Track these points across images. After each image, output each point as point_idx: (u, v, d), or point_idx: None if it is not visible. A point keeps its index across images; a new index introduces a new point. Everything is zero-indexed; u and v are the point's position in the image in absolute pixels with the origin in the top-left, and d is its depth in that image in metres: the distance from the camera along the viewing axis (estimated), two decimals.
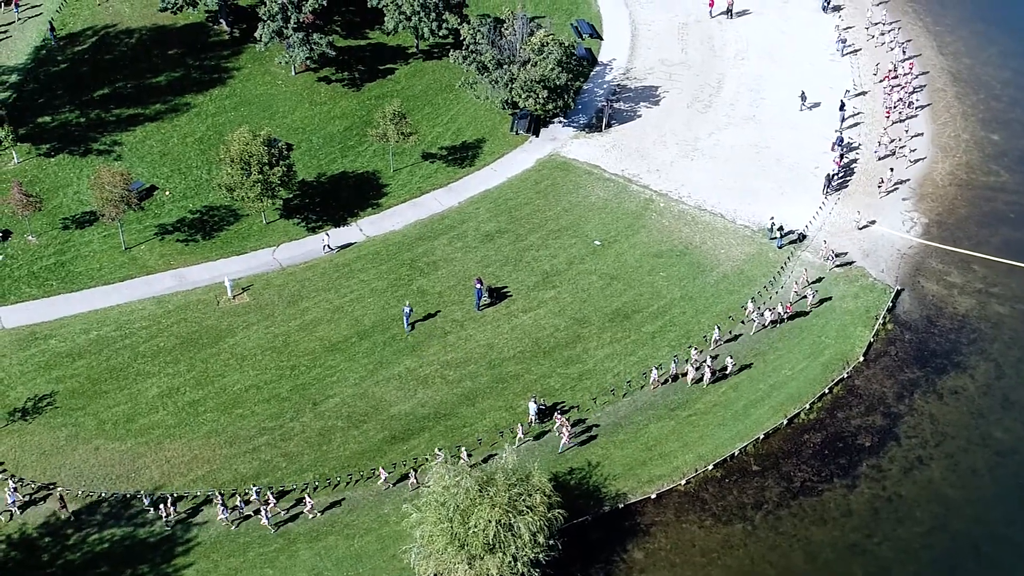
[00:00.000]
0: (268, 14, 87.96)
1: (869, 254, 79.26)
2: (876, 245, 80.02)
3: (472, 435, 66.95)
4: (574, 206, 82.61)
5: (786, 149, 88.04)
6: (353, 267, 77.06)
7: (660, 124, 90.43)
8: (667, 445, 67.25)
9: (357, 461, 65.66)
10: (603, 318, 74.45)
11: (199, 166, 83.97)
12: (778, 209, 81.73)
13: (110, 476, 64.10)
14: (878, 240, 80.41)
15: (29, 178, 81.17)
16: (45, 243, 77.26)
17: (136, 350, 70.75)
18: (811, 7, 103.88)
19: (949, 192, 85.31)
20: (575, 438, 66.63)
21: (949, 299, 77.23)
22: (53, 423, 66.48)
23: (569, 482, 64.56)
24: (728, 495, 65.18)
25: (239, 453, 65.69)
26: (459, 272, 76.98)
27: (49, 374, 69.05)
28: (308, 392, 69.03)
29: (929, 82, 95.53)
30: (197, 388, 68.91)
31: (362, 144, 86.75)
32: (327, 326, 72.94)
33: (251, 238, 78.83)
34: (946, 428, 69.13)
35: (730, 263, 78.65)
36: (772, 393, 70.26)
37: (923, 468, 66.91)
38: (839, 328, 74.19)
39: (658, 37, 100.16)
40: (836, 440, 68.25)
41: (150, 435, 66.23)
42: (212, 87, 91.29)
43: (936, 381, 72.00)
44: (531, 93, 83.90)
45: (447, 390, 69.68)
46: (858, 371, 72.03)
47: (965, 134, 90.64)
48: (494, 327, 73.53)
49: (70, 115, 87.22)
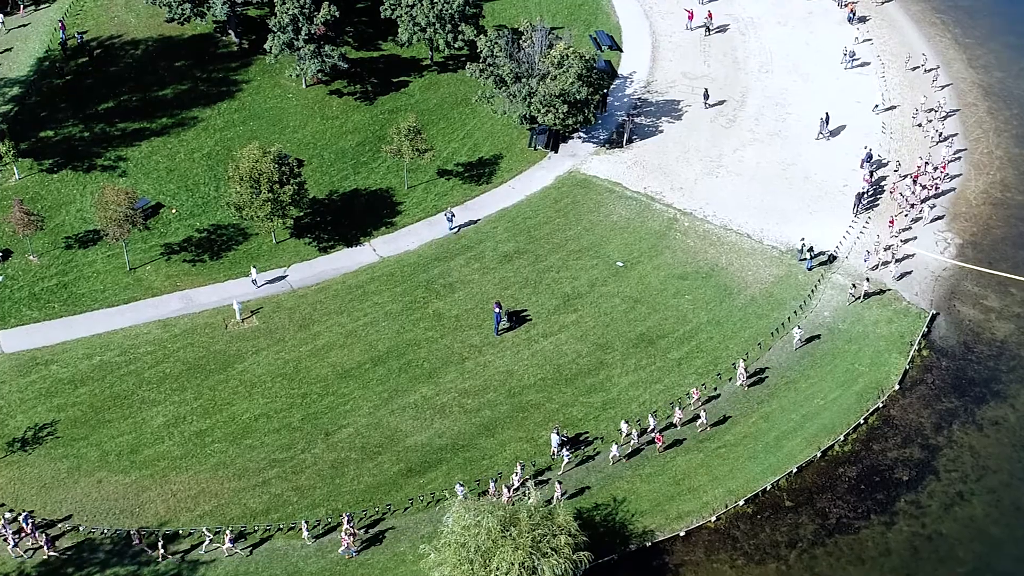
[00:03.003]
0: (278, 25, 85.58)
1: (902, 277, 76.29)
2: (910, 267, 77.03)
3: (492, 468, 64.15)
4: (595, 225, 79.85)
5: (813, 166, 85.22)
6: (367, 289, 74.34)
7: (683, 140, 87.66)
8: (696, 479, 64.44)
9: (372, 495, 62.82)
10: (627, 343, 71.63)
11: (207, 183, 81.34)
12: (807, 229, 78.95)
13: (113, 511, 61.40)
14: (911, 262, 77.44)
15: (31, 195, 78.75)
16: (47, 263, 74.69)
17: (141, 376, 68.13)
18: (837, 18, 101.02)
19: (983, 211, 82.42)
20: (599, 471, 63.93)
21: (987, 324, 74.30)
22: (54, 454, 63.84)
23: (594, 518, 61.74)
24: (760, 532, 62.36)
25: (248, 487, 62.94)
26: (476, 294, 74.26)
27: (50, 402, 66.46)
28: (320, 422, 66.31)
29: (959, 96, 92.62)
30: (204, 417, 66.21)
31: (375, 160, 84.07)
32: (340, 351, 70.23)
33: (261, 258, 76.22)
34: (987, 461, 66.24)
35: (758, 285, 75.78)
36: (804, 424, 67.42)
37: (964, 504, 64.06)
38: (873, 355, 71.30)
39: (679, 49, 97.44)
40: (872, 474, 65.40)
41: (155, 467, 63.53)
42: (220, 100, 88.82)
43: (975, 411, 69.11)
44: (550, 108, 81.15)
45: (465, 420, 66.91)
46: (893, 400, 69.23)
47: (999, 151, 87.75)
48: (513, 353, 70.78)
49: (73, 129, 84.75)
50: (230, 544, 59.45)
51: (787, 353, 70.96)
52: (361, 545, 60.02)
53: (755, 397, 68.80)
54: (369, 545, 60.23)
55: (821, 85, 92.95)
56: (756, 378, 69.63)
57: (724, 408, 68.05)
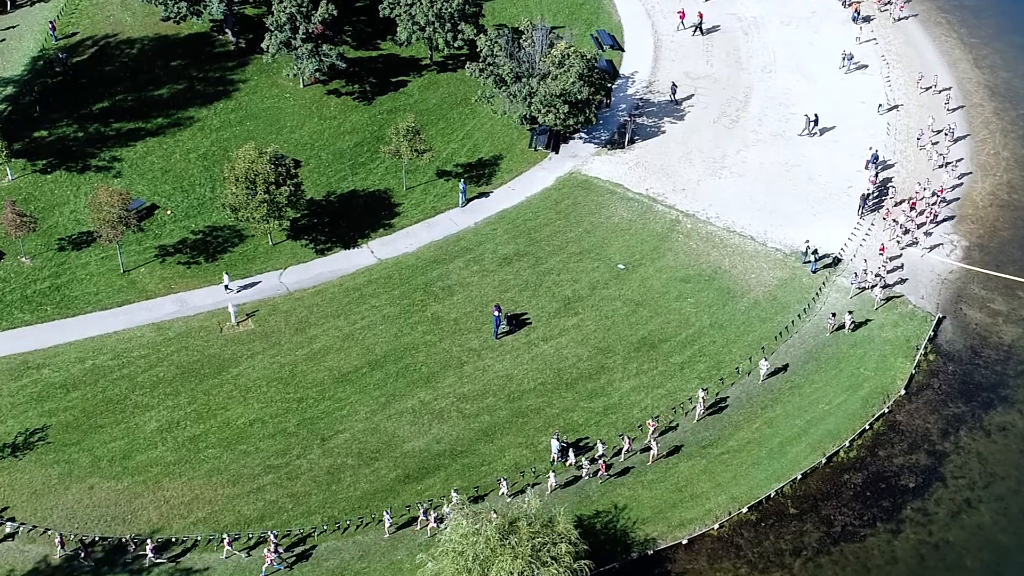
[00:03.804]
0: (276, 24, 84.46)
1: (908, 279, 75.11)
2: (915, 270, 75.86)
3: (491, 474, 62.98)
4: (596, 227, 78.66)
5: (818, 167, 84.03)
6: (364, 292, 73.18)
7: (685, 140, 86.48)
8: (699, 486, 63.27)
9: (368, 502, 61.66)
10: (628, 347, 70.46)
11: (202, 184, 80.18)
12: (811, 231, 77.81)
13: (105, 518, 60.21)
14: (917, 264, 76.26)
15: (24, 196, 77.58)
16: (40, 265, 73.49)
17: (134, 380, 66.96)
18: (841, 18, 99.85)
19: (990, 213, 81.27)
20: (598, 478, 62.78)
21: (994, 328, 73.13)
22: (45, 460, 62.65)
23: (595, 526, 60.64)
24: (764, 540, 61.22)
25: (242, 493, 61.77)
26: (476, 297, 73.06)
27: (42, 406, 65.29)
28: (316, 427, 65.11)
29: (965, 97, 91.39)
30: (198, 422, 65.03)
31: (373, 161, 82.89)
32: (336, 355, 69.05)
33: (256, 260, 75.07)
34: (995, 468, 65.13)
35: (762, 288, 74.59)
36: (809, 429, 66.26)
37: (972, 512, 62.93)
38: (878, 359, 70.13)
39: (682, 48, 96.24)
40: (878, 480, 64.28)
41: (148, 473, 62.35)
42: (217, 100, 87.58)
43: (983, 416, 67.97)
44: (551, 108, 79.94)
45: (464, 425, 65.72)
46: (899, 405, 68.11)
47: (1005, 152, 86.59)
48: (513, 357, 69.59)
49: (68, 129, 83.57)
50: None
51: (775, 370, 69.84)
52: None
53: (759, 402, 67.66)
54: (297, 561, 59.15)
55: (825, 85, 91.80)
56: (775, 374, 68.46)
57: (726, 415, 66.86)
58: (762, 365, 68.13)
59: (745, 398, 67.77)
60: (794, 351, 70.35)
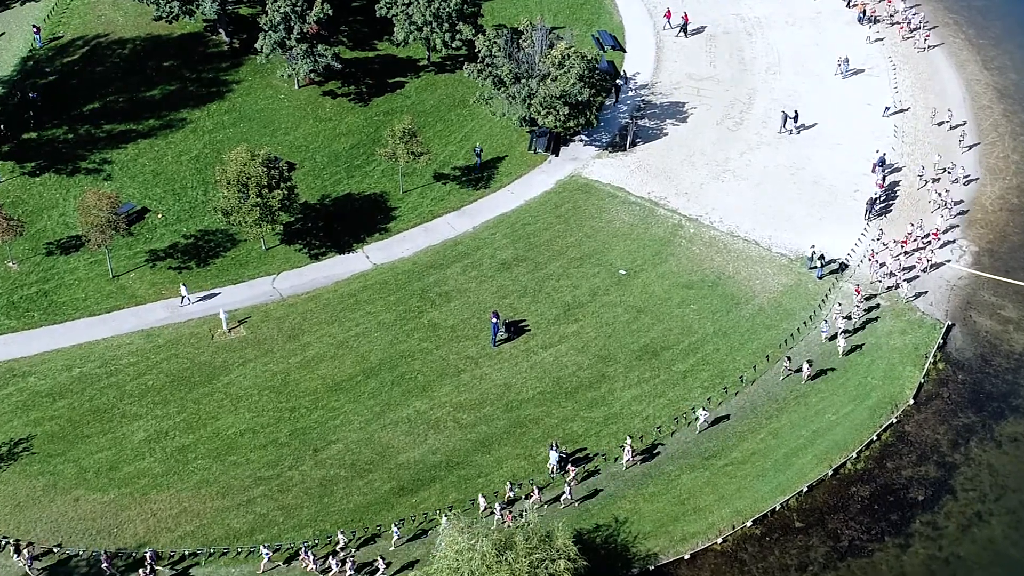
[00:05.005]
0: (270, 24, 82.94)
1: (916, 285, 73.43)
2: (923, 276, 74.19)
3: (488, 486, 61.29)
4: (597, 232, 77.00)
5: (823, 170, 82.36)
6: (359, 298, 71.54)
7: (688, 143, 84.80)
8: (701, 499, 61.62)
9: (362, 515, 60.00)
10: (630, 355, 68.79)
11: (194, 187, 78.57)
12: (816, 236, 76.11)
13: (90, 531, 58.57)
14: (925, 270, 74.60)
15: (11, 199, 76.15)
16: (27, 270, 71.96)
17: (122, 389, 65.38)
18: (846, 19, 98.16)
19: (1000, 218, 79.61)
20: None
21: (1004, 335, 71.45)
22: (29, 471, 61.09)
23: (595, 540, 58.99)
24: (769, 555, 59.63)
25: (232, 506, 60.15)
26: (473, 304, 71.43)
27: (27, 416, 63.76)
28: (309, 437, 63.48)
29: (974, 99, 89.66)
30: (187, 432, 63.42)
31: (369, 164, 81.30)
32: (330, 363, 67.43)
33: (249, 265, 73.47)
34: (1006, 480, 63.50)
35: (766, 295, 72.92)
36: (815, 440, 64.60)
37: (983, 525, 61.33)
38: (886, 368, 68.45)
39: (684, 49, 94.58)
40: (886, 493, 62.67)
41: (135, 485, 60.74)
42: (210, 101, 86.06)
43: (994, 427, 66.33)
44: (551, 109, 78.27)
45: (460, 435, 64.09)
46: (908, 415, 66.47)
47: (1015, 155, 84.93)
48: (511, 365, 67.95)
49: (57, 131, 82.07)
50: None
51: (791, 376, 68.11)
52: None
53: (763, 412, 65.99)
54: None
55: (830, 87, 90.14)
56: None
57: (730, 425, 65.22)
58: (700, 414, 64.69)
59: (749, 408, 66.07)
60: (800, 359, 68.52)
